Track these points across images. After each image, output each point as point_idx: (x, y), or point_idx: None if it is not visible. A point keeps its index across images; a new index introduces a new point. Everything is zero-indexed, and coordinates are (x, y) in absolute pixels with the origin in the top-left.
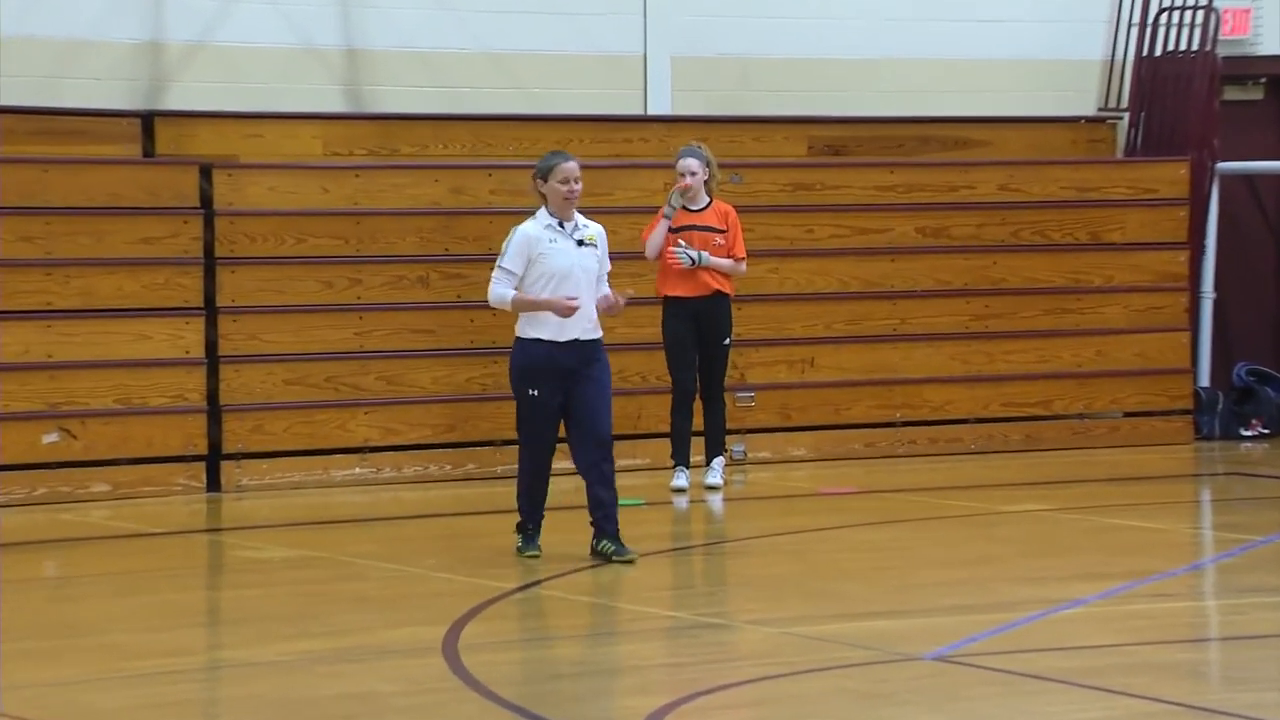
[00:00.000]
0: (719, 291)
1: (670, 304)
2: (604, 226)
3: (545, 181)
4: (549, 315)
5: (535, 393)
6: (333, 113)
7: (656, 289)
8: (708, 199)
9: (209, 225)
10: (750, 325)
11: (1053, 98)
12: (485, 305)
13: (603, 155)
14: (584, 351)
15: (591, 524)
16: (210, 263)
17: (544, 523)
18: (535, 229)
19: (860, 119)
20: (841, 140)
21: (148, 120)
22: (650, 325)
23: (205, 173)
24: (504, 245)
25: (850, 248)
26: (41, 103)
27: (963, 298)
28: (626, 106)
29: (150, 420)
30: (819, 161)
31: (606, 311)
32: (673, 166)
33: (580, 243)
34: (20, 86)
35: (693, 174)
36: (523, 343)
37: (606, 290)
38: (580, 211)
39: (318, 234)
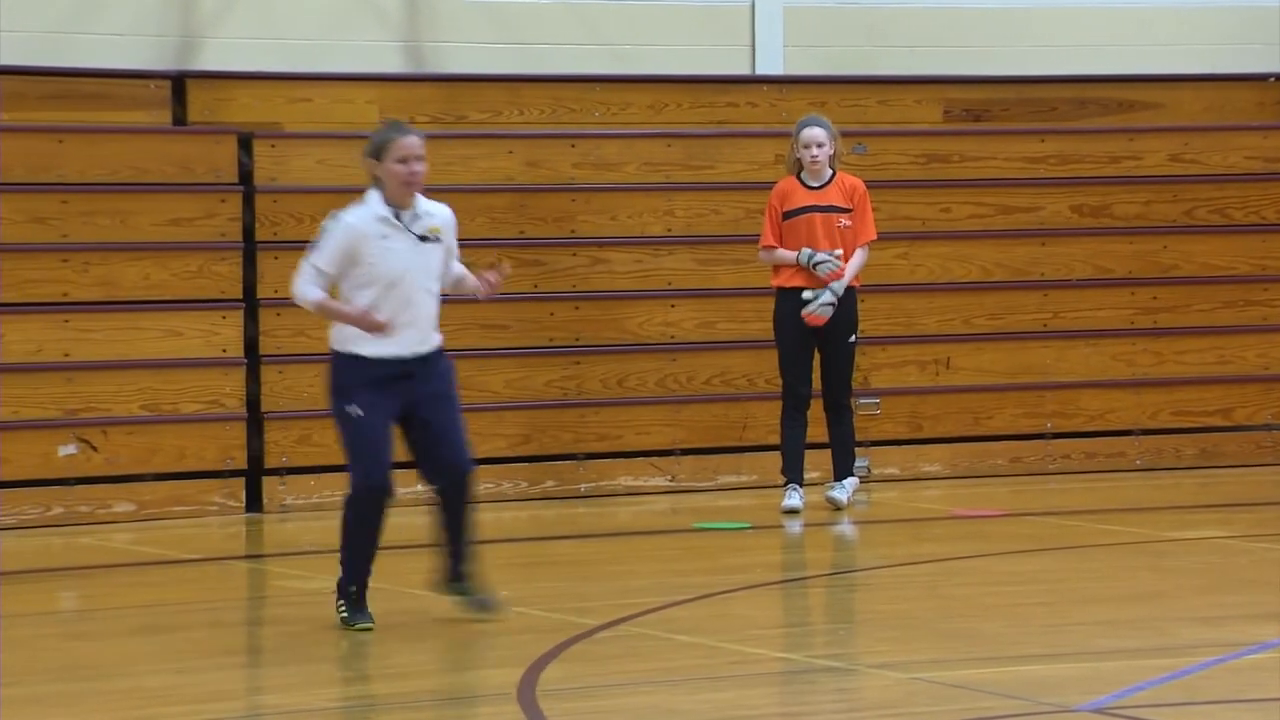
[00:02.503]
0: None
1: (784, 296)
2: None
3: (379, 161)
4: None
5: (360, 412)
6: (391, 73)
7: (770, 278)
8: (831, 172)
9: (248, 204)
10: (875, 320)
11: (1234, 52)
12: (567, 297)
13: (702, 122)
14: (421, 367)
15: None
16: (250, 247)
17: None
18: (362, 220)
19: (1005, 79)
20: (983, 104)
21: (178, 82)
22: (758, 320)
23: (244, 143)
24: (319, 234)
25: (993, 229)
26: (54, 62)
27: (1127, 288)
28: (731, 65)
29: (181, 430)
30: (957, 129)
31: (487, 295)
32: (788, 135)
33: (422, 238)
34: (29, 43)
35: (820, 146)
36: (339, 357)
37: (460, 271)
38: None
39: None
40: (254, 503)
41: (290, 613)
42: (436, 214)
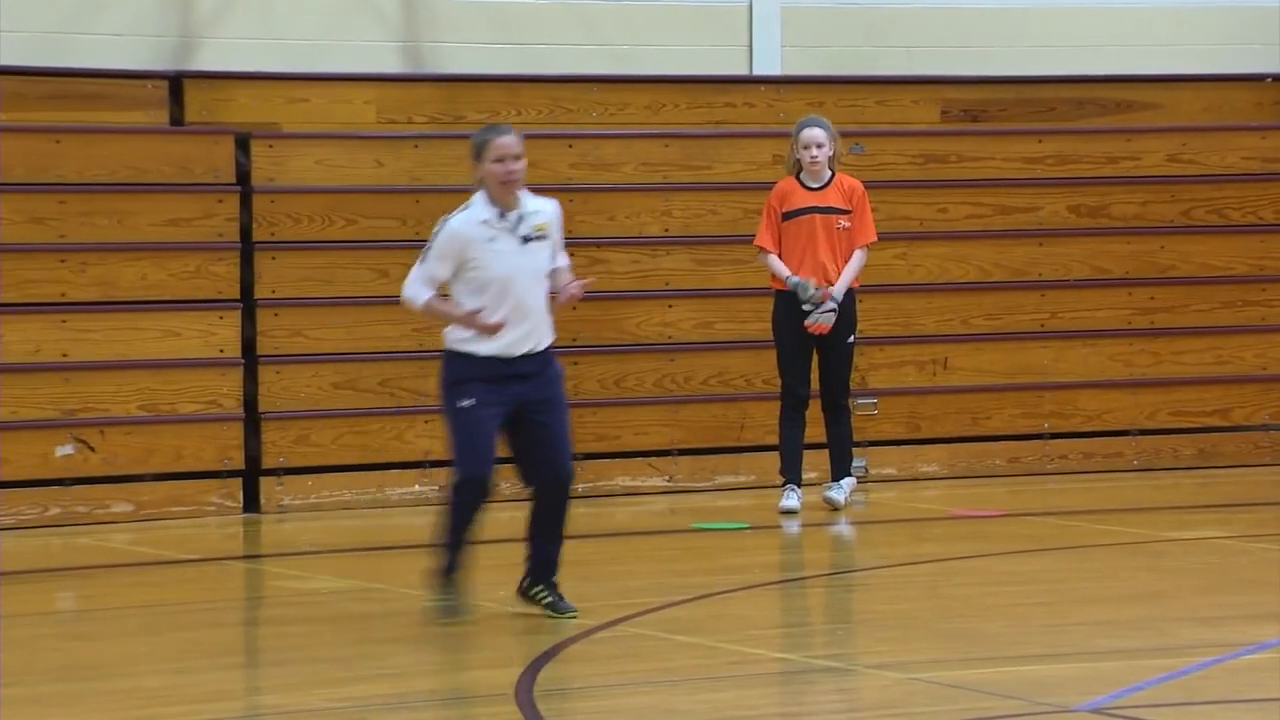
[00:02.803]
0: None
1: (782, 297)
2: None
3: (479, 162)
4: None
5: (469, 404)
6: (389, 74)
7: (769, 279)
8: (830, 173)
9: (246, 204)
10: (873, 320)
11: (1233, 52)
12: None
13: (700, 123)
14: (533, 369)
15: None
16: (248, 248)
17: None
18: (466, 224)
19: (1003, 79)
20: (981, 104)
21: (176, 82)
22: (756, 321)
23: (242, 143)
24: (430, 239)
25: (991, 229)
26: (53, 62)
27: (1125, 288)
28: (728, 66)
29: (179, 430)
30: (954, 129)
31: (566, 303)
32: (786, 136)
33: (526, 239)
34: (28, 43)
35: (819, 147)
36: (452, 355)
37: (561, 264)
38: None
39: (371, 214)
40: (251, 503)
41: (288, 613)
42: (542, 210)
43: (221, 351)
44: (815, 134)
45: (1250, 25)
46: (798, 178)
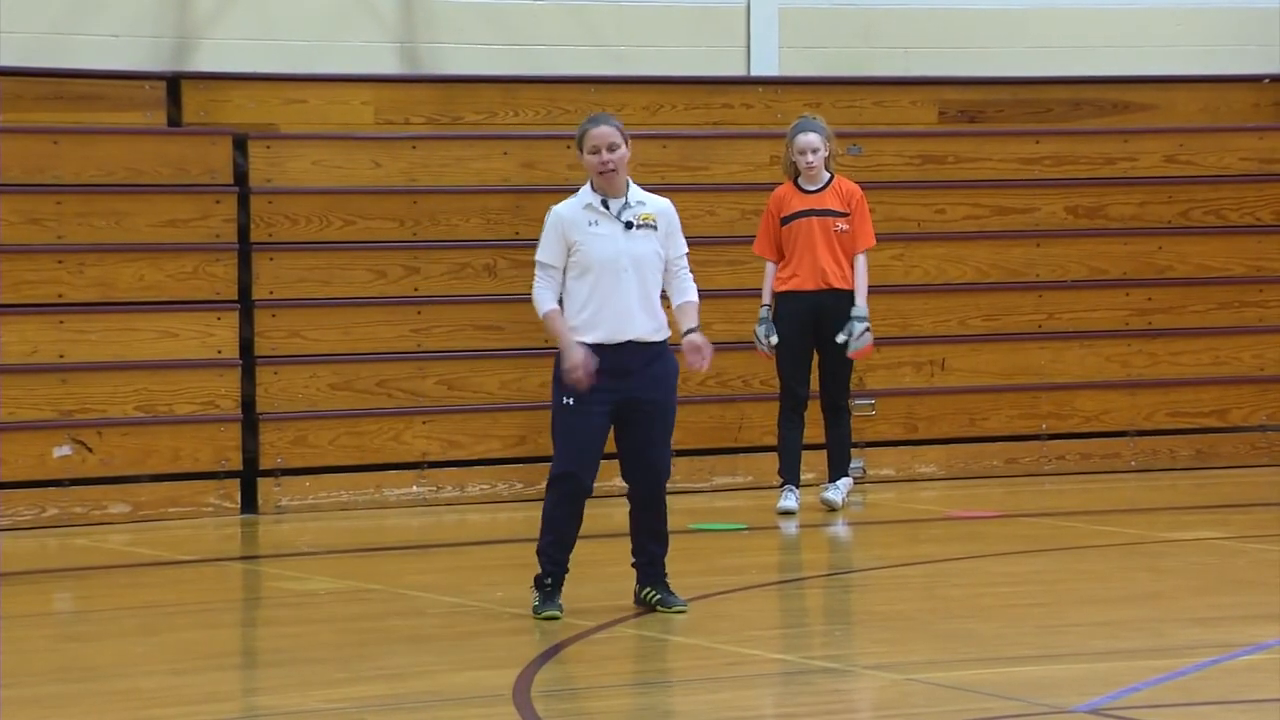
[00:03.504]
0: (839, 288)
1: (782, 300)
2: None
3: (581, 153)
4: (600, 315)
5: (571, 400)
6: (386, 74)
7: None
8: (828, 175)
9: (244, 205)
10: (871, 320)
11: (1230, 53)
12: None
13: (698, 123)
14: (641, 364)
15: (634, 566)
16: (245, 248)
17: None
18: (572, 209)
19: (1000, 80)
20: (978, 105)
21: (173, 83)
22: (754, 322)
23: (239, 144)
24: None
25: (988, 230)
26: (50, 63)
27: (1122, 289)
28: (726, 67)
29: (177, 431)
30: (952, 130)
31: (691, 364)
32: (784, 136)
33: (629, 224)
34: (25, 44)
35: (815, 151)
36: None
37: (681, 286)
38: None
39: (369, 215)
40: (249, 504)
41: (286, 614)
42: (650, 202)
43: (219, 352)
44: (810, 139)
45: (1247, 26)
46: (795, 182)
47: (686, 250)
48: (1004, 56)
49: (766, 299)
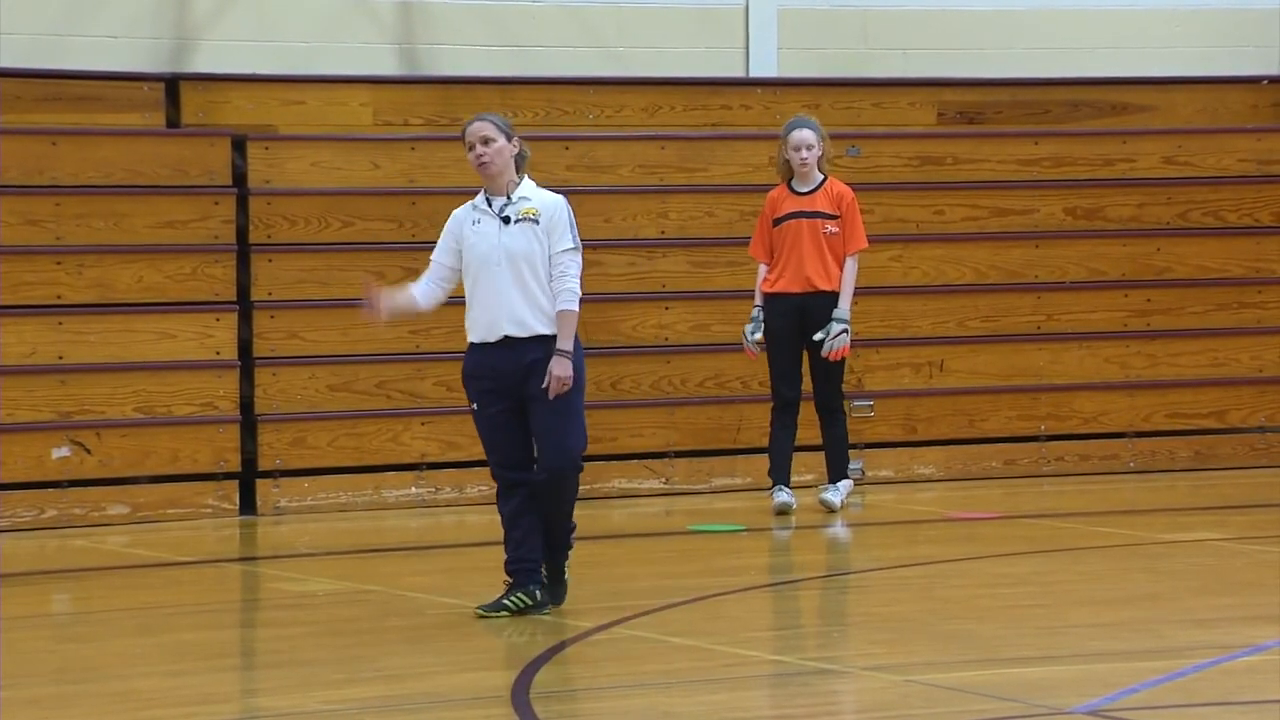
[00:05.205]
0: (825, 290)
1: (771, 301)
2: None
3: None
4: (477, 313)
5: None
6: (385, 76)
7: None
8: (821, 177)
9: (242, 206)
10: (869, 322)
11: (1228, 54)
12: None
13: (697, 124)
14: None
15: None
16: (244, 250)
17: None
18: (464, 209)
19: (999, 81)
20: (977, 106)
21: (172, 84)
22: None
23: (238, 145)
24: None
25: (987, 232)
26: (48, 65)
27: (1120, 290)
28: (725, 68)
29: (175, 432)
30: (950, 131)
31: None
32: (779, 138)
33: (507, 219)
34: (24, 45)
35: (809, 148)
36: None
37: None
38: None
39: (367, 216)
40: (248, 505)
41: (284, 615)
42: (536, 198)
43: (218, 353)
44: (804, 135)
45: (1245, 27)
46: (789, 184)
47: (570, 247)
48: (1003, 58)
49: (758, 300)
